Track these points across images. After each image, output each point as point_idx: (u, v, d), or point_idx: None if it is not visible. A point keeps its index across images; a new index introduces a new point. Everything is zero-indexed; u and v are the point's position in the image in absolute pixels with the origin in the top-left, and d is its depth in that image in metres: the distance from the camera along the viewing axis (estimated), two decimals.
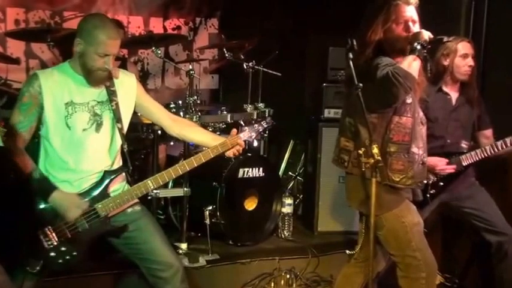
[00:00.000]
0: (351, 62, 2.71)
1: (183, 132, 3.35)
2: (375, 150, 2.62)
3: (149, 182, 3.09)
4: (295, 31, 6.06)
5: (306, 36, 6.09)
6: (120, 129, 3.15)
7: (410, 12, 3.07)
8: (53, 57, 4.83)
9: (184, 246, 4.29)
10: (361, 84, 2.69)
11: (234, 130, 3.27)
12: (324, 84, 4.97)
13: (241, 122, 4.70)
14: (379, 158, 2.63)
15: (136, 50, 5.77)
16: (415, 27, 3.06)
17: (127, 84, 3.24)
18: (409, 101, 3.06)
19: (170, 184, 4.58)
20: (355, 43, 2.70)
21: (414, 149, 3.07)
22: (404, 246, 3.15)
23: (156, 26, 5.93)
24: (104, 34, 2.96)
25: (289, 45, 5.82)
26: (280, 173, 5.84)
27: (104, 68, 3.01)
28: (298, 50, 6.06)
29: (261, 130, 3.39)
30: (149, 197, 4.23)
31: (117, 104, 3.14)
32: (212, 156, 3.17)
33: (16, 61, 5.05)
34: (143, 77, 5.93)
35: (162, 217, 4.70)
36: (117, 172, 3.10)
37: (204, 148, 3.28)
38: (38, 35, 4.64)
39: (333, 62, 4.95)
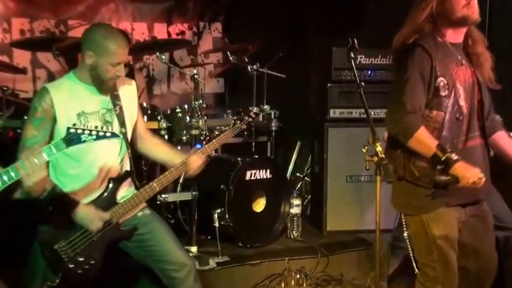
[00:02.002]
0: (352, 61, 2.73)
1: (147, 150, 3.47)
2: (379, 148, 2.63)
3: (154, 184, 3.16)
4: (299, 32, 6.08)
5: (309, 37, 6.12)
6: (125, 134, 3.19)
7: None
8: (60, 66, 4.88)
9: (194, 249, 4.32)
10: (363, 84, 2.71)
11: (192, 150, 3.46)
12: (329, 85, 4.98)
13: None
14: (383, 155, 2.63)
15: (142, 56, 5.82)
16: None
17: (128, 89, 3.29)
18: (443, 93, 2.83)
19: (178, 188, 4.63)
20: (356, 42, 2.71)
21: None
22: (424, 255, 3.02)
23: (160, 31, 5.98)
24: (114, 44, 3.01)
25: (293, 47, 5.85)
26: (288, 174, 5.86)
27: (116, 76, 3.07)
28: (303, 51, 6.08)
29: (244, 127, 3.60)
30: (158, 202, 4.27)
31: (120, 108, 3.19)
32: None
33: (22, 71, 5.10)
34: (149, 83, 5.97)
35: (171, 221, 4.74)
36: (122, 178, 3.15)
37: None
38: (43, 44, 4.69)
39: (337, 62, 4.93)
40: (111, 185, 3.10)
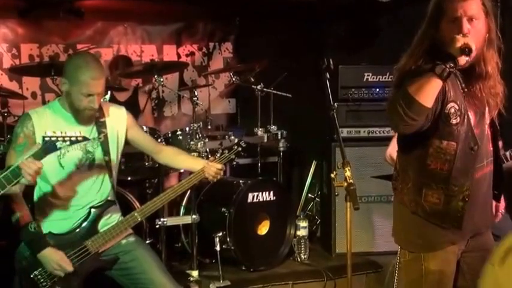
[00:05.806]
0: (327, 82, 2.62)
1: (167, 160, 3.49)
2: (348, 173, 2.50)
3: (136, 214, 3.13)
4: (311, 50, 5.99)
5: (321, 55, 6.02)
6: (108, 162, 3.15)
7: (466, 6, 2.43)
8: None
9: (195, 273, 4.24)
10: (336, 105, 2.60)
11: (211, 158, 3.46)
12: (336, 104, 4.85)
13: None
14: (352, 181, 2.49)
15: (150, 79, 5.78)
16: (475, 26, 2.43)
17: (116, 116, 3.25)
18: (455, 120, 2.50)
19: (182, 211, 4.58)
20: (331, 62, 2.60)
21: (454, 181, 2.54)
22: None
23: (170, 53, 5.95)
24: (86, 75, 2.97)
25: (303, 65, 5.76)
26: (304, 194, 5.74)
27: (90, 107, 3.02)
28: (313, 70, 5.99)
29: (232, 156, 3.57)
30: (157, 226, 4.20)
31: (105, 136, 3.15)
32: (191, 184, 3.37)
33: (23, 97, 5.12)
34: (159, 105, 5.95)
35: (177, 244, 4.68)
36: (103, 207, 3.10)
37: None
38: (46, 69, 4.67)
39: (343, 81, 4.87)
40: (91, 214, 3.06)
